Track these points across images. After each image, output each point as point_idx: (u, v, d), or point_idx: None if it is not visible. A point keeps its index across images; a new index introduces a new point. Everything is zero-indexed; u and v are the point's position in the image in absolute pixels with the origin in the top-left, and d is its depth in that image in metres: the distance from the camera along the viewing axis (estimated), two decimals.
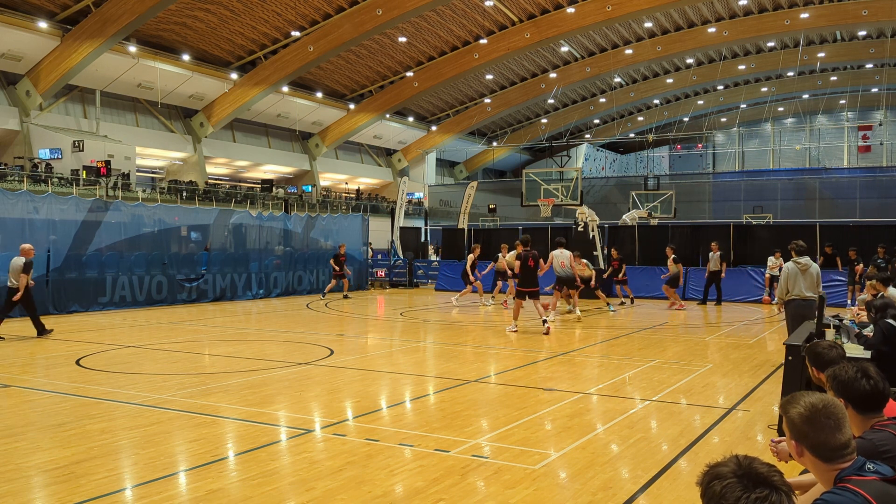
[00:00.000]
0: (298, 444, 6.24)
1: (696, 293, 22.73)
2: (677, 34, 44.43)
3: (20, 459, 5.70)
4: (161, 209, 20.95)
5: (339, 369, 10.05)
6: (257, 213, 24.92)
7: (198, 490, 5.01)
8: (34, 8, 31.64)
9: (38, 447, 6.02)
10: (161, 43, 37.14)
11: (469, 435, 6.49)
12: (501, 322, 16.60)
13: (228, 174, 48.96)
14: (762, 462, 1.95)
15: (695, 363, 10.61)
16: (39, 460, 5.66)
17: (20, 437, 6.33)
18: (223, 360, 11.00)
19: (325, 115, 48.02)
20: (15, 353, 11.46)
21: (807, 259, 9.82)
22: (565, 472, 5.51)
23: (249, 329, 14.94)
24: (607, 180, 54.18)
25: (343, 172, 53.70)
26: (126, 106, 39.35)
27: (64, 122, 35.76)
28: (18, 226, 16.57)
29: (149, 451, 5.97)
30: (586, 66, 48.30)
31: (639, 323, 16.09)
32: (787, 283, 9.74)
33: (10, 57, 32.60)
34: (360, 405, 7.83)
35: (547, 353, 11.60)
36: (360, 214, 29.24)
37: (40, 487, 5.10)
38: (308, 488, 5.04)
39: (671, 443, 6.31)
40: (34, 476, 5.36)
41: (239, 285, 21.87)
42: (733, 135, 63.17)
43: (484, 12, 39.80)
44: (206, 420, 7.04)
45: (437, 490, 5.01)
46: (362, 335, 14.77)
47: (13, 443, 6.16)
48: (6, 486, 5.08)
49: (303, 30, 37.92)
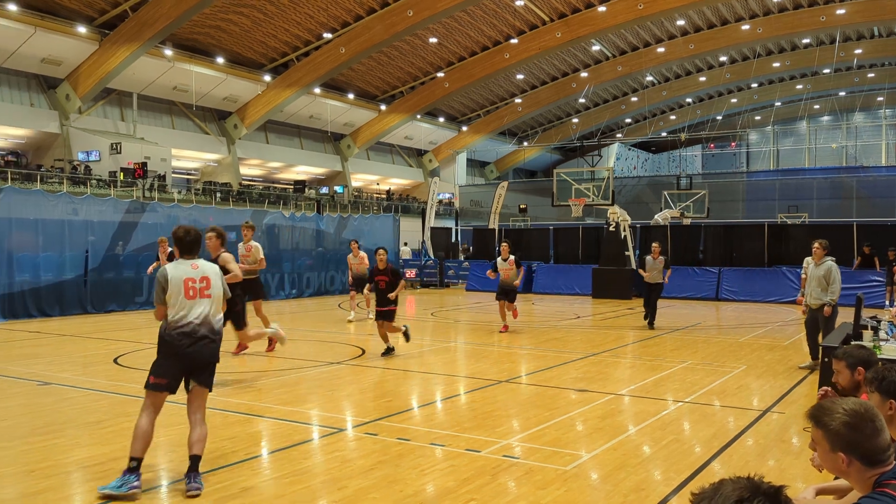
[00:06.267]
0: (330, 443, 6.29)
1: (731, 294, 22.45)
2: (710, 32, 43.85)
3: (59, 455, 5.83)
4: (196, 210, 21.27)
5: (370, 369, 10.11)
6: (290, 213, 25.16)
7: (232, 487, 5.08)
8: (73, 13, 32.31)
9: (76, 443, 6.15)
10: (196, 46, 37.68)
11: (500, 435, 6.48)
12: (532, 322, 16.55)
13: (262, 175, 49.48)
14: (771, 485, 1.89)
15: (728, 364, 10.48)
16: (78, 456, 5.79)
17: (59, 434, 6.47)
18: (257, 359, 11.13)
19: (356, 116, 48.30)
20: (54, 351, 11.72)
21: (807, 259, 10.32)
22: (597, 473, 5.48)
23: (283, 328, 15.07)
24: (639, 180, 53.58)
25: (374, 173, 53.96)
26: (162, 108, 39.99)
27: (102, 125, 36.45)
28: (58, 227, 16.95)
29: (184, 448, 6.05)
30: (618, 65, 47.91)
31: (671, 324, 15.93)
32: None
33: (50, 62, 33.35)
34: (392, 405, 7.87)
35: (579, 353, 11.54)
36: (392, 215, 29.38)
37: (79, 483, 5.22)
38: (340, 487, 5.09)
39: (704, 445, 6.25)
40: (73, 472, 5.48)
41: (272, 285, 22.10)
42: (768, 133, 62.11)
43: (515, 12, 39.70)
44: (240, 418, 7.14)
45: (469, 490, 5.01)
46: (394, 335, 14.81)
47: (52, 439, 6.30)
48: (46, 481, 5.20)
49: (334, 32, 38.18)
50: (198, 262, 5.50)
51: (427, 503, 4.85)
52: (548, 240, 28.62)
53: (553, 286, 25.22)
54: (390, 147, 54.55)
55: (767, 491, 1.83)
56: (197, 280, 5.37)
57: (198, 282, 5.37)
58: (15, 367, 9.88)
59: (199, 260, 5.54)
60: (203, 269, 5.46)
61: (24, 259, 16.17)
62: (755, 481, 1.85)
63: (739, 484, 1.84)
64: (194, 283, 5.35)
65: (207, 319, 5.32)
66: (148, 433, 5.04)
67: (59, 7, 31.79)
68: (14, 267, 15.96)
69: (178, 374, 5.23)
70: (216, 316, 5.41)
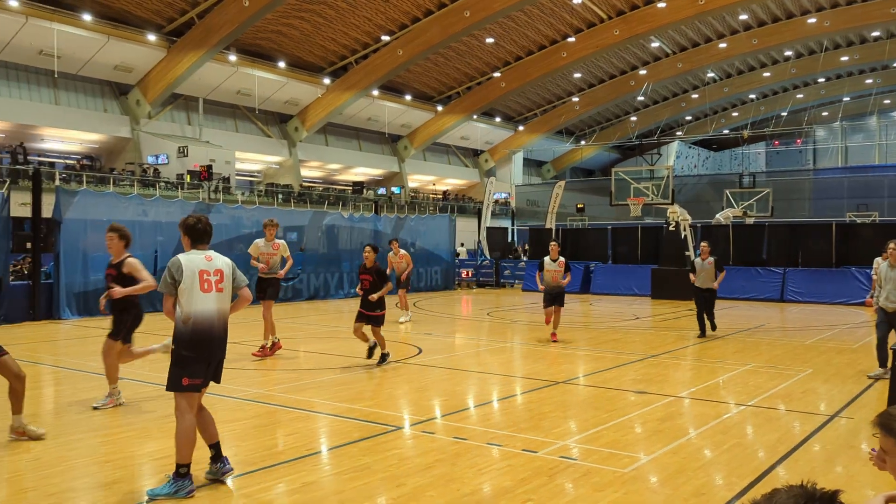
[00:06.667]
0: (388, 441, 6.38)
1: (797, 295, 21.84)
2: (774, 26, 42.65)
3: (131, 448, 6.08)
4: (259, 211, 21.78)
5: (427, 368, 10.19)
6: (349, 214, 25.56)
7: (294, 482, 5.21)
8: (143, 22, 33.50)
9: (147, 437, 6.39)
10: (259, 51, 38.58)
11: (557, 436, 6.47)
12: (590, 324, 16.42)
13: (321, 177, 50.31)
14: None
15: (794, 367, 10.21)
16: (149, 449, 6.02)
17: (131, 428, 6.74)
18: (316, 356, 11.36)
19: (413, 117, 48.67)
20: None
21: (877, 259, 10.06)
22: (656, 476, 5.43)
23: (341, 327, 15.32)
24: (700, 178, 52.42)
25: (431, 174, 54.28)
26: (226, 112, 41.08)
27: (170, 129, 37.67)
28: (129, 228, 17.48)
29: (248, 443, 6.24)
30: (678, 62, 47.05)
31: (734, 325, 15.58)
32: None
33: (122, 69, 34.70)
34: (449, 403, 7.93)
35: (637, 355, 11.41)
36: (448, 215, 29.51)
37: (149, 475, 5.42)
38: (398, 484, 5.16)
39: (768, 450, 6.12)
40: (144, 463, 5.71)
41: (331, 284, 22.48)
42: (836, 129, 60.00)
43: (572, 10, 39.38)
44: (301, 415, 7.30)
45: (526, 490, 5.03)
46: (450, 334, 14.92)
47: (124, 432, 6.57)
48: (119, 472, 5.43)
49: (392, 34, 38.56)
50: (211, 254, 5.25)
51: (484, 502, 4.89)
52: (606, 240, 28.32)
53: (611, 287, 24.95)
54: (446, 147, 54.77)
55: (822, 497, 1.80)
56: (211, 273, 5.13)
57: (212, 274, 5.13)
58: (90, 362, 10.31)
59: (212, 252, 5.30)
60: (216, 261, 5.23)
61: (98, 259, 16.83)
62: (809, 488, 1.82)
63: (793, 492, 1.81)
64: (209, 276, 5.11)
65: (222, 315, 5.17)
66: (194, 436, 5.01)
67: (130, 16, 33.01)
68: (88, 266, 16.66)
69: (207, 370, 5.10)
70: (227, 311, 5.26)
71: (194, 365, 5.01)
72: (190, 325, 5.00)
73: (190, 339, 5.00)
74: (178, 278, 5.03)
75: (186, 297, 5.01)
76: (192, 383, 4.99)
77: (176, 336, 5.07)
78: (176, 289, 5.03)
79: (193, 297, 5.02)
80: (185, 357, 5.01)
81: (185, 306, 5.01)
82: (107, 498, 4.90)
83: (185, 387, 4.99)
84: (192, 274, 5.04)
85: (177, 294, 5.04)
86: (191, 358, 5.01)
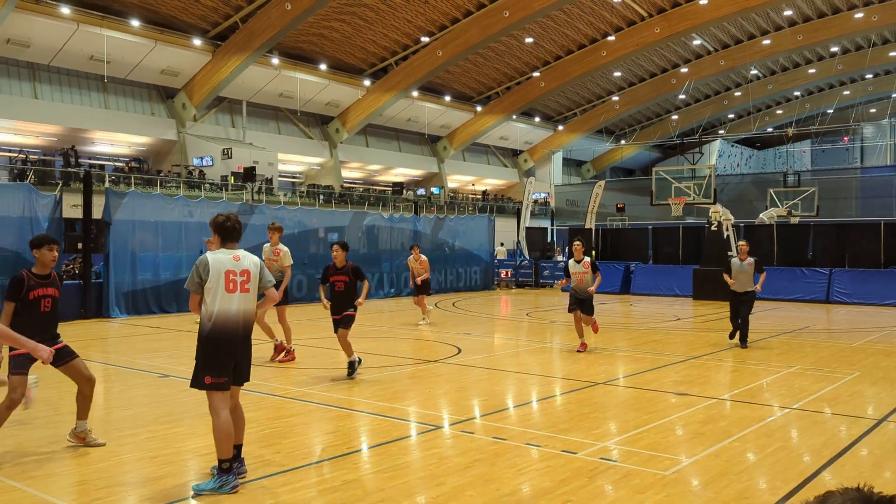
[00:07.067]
0: (428, 440, 6.44)
1: (843, 296, 21.36)
2: (821, 21, 41.67)
3: (178, 444, 6.24)
4: (301, 212, 22.09)
5: (466, 367, 10.23)
6: (388, 214, 25.73)
7: (334, 480, 5.29)
8: (189, 26, 34.20)
9: (194, 433, 6.54)
10: (300, 54, 39.08)
11: (597, 437, 6.45)
12: (630, 324, 16.28)
13: (362, 178, 50.72)
14: None
15: (840, 370, 10.00)
16: (195, 445, 6.17)
17: (179, 423, 6.91)
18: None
19: (452, 117, 48.77)
20: (172, 345, 12.48)
21: None
22: (697, 479, 5.38)
23: (381, 326, 15.47)
24: (743, 177, 51.52)
25: (470, 174, 54.32)
26: (269, 115, 41.70)
27: (214, 132, 38.39)
28: (176, 228, 18.03)
29: (289, 440, 6.36)
30: (720, 59, 46.29)
31: (778, 327, 15.30)
32: None
33: (168, 73, 35.52)
34: (488, 403, 7.96)
35: (678, 356, 11.29)
36: (487, 215, 29.52)
37: (195, 470, 5.56)
38: (438, 483, 5.20)
39: (814, 454, 6.02)
40: (191, 459, 5.85)
41: (372, 284, 22.64)
42: (884, 126, 58.37)
43: (612, 9, 39.04)
44: (342, 413, 7.40)
45: (565, 491, 5.03)
46: (489, 334, 14.93)
47: (172, 428, 6.74)
48: (167, 467, 5.58)
49: (432, 35, 38.69)
50: (239, 254, 5.23)
51: (523, 503, 4.91)
52: (646, 240, 28.02)
53: (652, 287, 24.69)
54: (486, 148, 54.75)
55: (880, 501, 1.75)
56: (237, 273, 5.13)
57: (238, 275, 5.13)
58: (139, 360, 10.60)
59: (240, 251, 5.27)
60: (244, 262, 5.21)
61: (146, 259, 17.29)
62: (865, 492, 1.76)
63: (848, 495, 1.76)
64: (235, 276, 5.11)
65: (246, 315, 5.18)
66: (231, 431, 5.05)
67: (176, 21, 33.73)
68: (137, 266, 17.11)
69: (231, 368, 5.12)
70: (252, 312, 5.26)
71: (217, 364, 5.06)
72: (213, 324, 5.05)
73: (213, 338, 5.06)
74: (203, 277, 5.06)
75: (211, 297, 5.05)
76: (215, 382, 5.03)
77: (200, 334, 5.13)
78: (202, 287, 5.07)
79: (218, 297, 5.05)
80: (208, 356, 5.07)
81: (209, 305, 5.05)
82: (154, 492, 5.04)
83: (208, 385, 5.04)
84: (219, 274, 5.06)
85: (203, 293, 5.09)
86: (213, 357, 5.06)
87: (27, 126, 32.68)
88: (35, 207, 15.39)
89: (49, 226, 15.47)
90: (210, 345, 5.07)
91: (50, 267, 5.87)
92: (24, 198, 15.36)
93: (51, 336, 5.81)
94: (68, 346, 6.00)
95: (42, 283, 5.76)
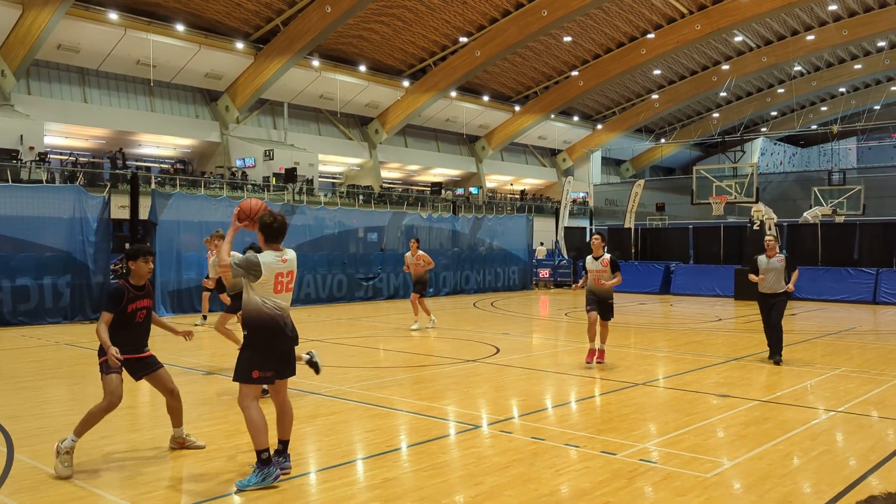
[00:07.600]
0: (467, 440, 6.47)
1: (891, 297, 20.84)
2: (867, 16, 40.64)
3: (222, 440, 6.37)
4: (341, 212, 22.34)
5: (504, 367, 10.24)
6: (427, 214, 25.85)
7: (374, 478, 5.36)
8: (232, 30, 34.83)
9: (237, 430, 6.66)
10: (340, 56, 39.49)
11: (636, 439, 6.42)
12: (670, 325, 16.11)
13: (401, 178, 51.01)
14: None
15: (888, 373, 9.77)
16: (238, 441, 6.28)
17: (222, 420, 7.06)
18: (396, 355, 11.57)
19: (491, 117, 48.75)
20: (216, 344, 12.71)
21: None
22: (740, 482, 5.33)
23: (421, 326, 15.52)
24: (786, 175, 50.42)
25: (508, 174, 54.23)
26: (309, 116, 42.23)
27: (256, 134, 39.04)
28: (220, 228, 18.35)
29: (330, 438, 6.45)
30: (762, 56, 45.46)
31: (822, 328, 14.99)
32: None
33: (212, 76, 36.25)
34: (526, 403, 7.97)
35: (720, 357, 11.15)
36: (525, 215, 29.46)
37: (239, 466, 5.66)
38: (476, 482, 5.23)
39: (860, 458, 5.90)
40: (234, 455, 5.96)
41: (411, 284, 22.73)
42: None
43: (651, 6, 38.63)
44: (381, 412, 7.48)
45: (604, 493, 5.02)
46: (527, 334, 14.91)
47: (216, 425, 6.89)
48: (210, 463, 5.72)
49: (470, 35, 38.74)
50: (286, 255, 5.30)
51: (562, 503, 4.92)
52: (687, 239, 27.67)
53: (692, 287, 24.37)
54: (524, 147, 54.61)
55: None
56: (285, 274, 5.24)
57: (285, 276, 5.25)
58: (184, 357, 10.84)
59: (286, 251, 5.32)
60: (290, 263, 5.30)
61: (190, 258, 17.65)
62: None
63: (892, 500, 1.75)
64: (282, 278, 5.22)
65: (288, 311, 5.33)
66: (265, 422, 5.14)
67: (219, 25, 34.37)
68: (182, 265, 17.49)
69: (276, 362, 5.23)
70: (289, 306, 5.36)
71: (264, 358, 5.17)
72: (262, 321, 5.16)
73: (262, 334, 5.16)
74: (258, 275, 5.13)
75: (260, 294, 5.17)
76: (262, 376, 5.17)
77: (248, 330, 5.22)
78: (256, 278, 5.12)
79: (267, 296, 5.18)
80: (257, 350, 5.18)
81: (258, 302, 5.16)
82: (199, 487, 5.17)
83: (255, 379, 5.16)
84: (270, 276, 5.17)
85: (253, 285, 5.16)
86: (261, 351, 5.17)
87: (77, 129, 33.64)
88: (85, 209, 15.84)
89: (98, 227, 15.90)
90: (260, 340, 5.18)
91: (146, 279, 5.92)
92: (74, 199, 15.81)
93: (142, 346, 5.88)
94: (154, 356, 6.04)
95: (139, 296, 5.81)
